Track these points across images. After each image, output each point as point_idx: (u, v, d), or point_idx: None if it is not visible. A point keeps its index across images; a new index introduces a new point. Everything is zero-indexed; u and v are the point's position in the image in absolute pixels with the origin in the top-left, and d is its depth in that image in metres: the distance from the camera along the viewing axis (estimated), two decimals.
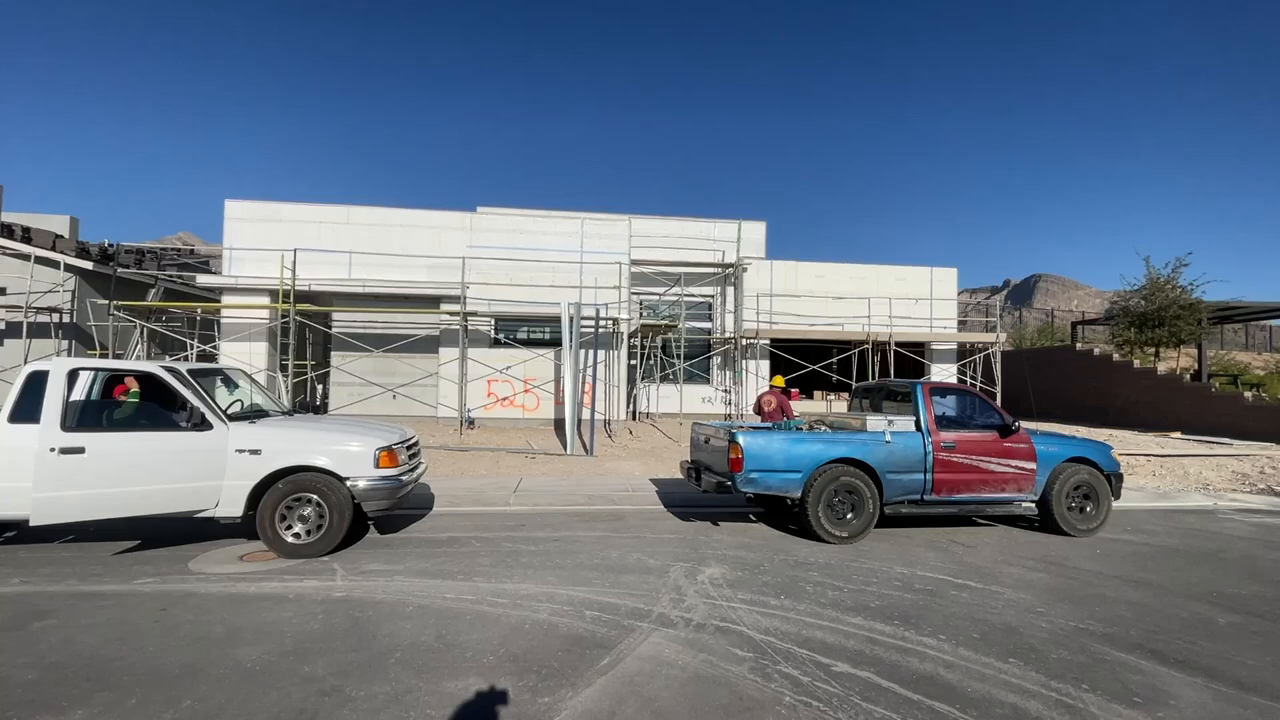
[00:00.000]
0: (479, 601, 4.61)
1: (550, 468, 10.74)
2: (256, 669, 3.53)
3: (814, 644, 3.97)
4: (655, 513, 7.79)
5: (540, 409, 14.45)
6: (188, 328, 14.59)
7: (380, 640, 3.94)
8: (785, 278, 18.07)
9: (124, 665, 3.54)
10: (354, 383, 14.32)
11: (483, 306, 13.98)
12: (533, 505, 7.97)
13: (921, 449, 6.72)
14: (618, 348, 14.72)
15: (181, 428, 5.35)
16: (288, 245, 13.16)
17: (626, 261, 15.04)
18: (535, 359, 14.31)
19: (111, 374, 5.68)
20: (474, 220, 14.78)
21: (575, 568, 5.46)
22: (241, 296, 13.57)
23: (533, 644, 3.90)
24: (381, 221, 14.28)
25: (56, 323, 13.60)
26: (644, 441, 13.56)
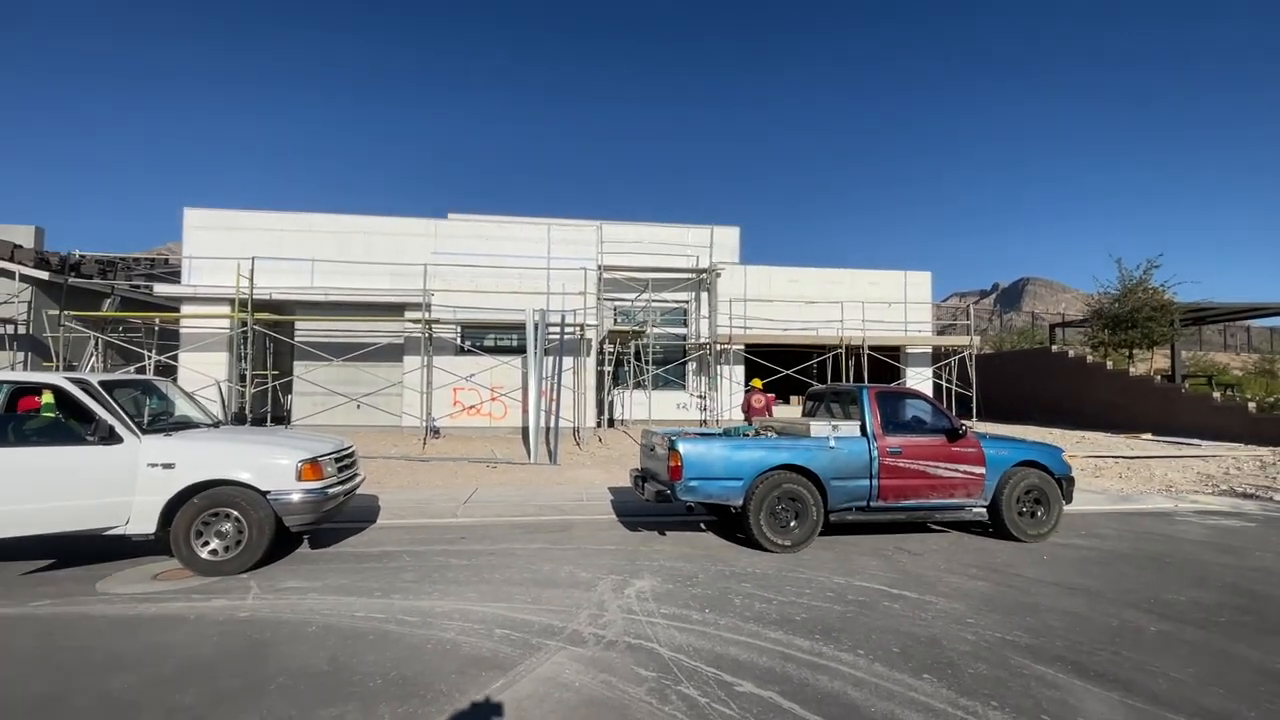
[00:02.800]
0: (388, 620, 4.43)
1: (510, 477, 10.55)
2: (124, 699, 3.33)
3: (724, 661, 3.81)
4: (604, 522, 7.61)
5: (508, 417, 14.26)
6: (147, 338, 14.32)
7: (269, 664, 3.75)
8: (759, 283, 17.99)
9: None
10: (317, 392, 14.09)
11: (448, 314, 13.79)
12: (480, 517, 7.78)
13: (866, 454, 6.59)
14: (586, 354, 14.57)
15: (88, 441, 5.15)
16: (247, 253, 12.95)
17: (594, 267, 14.91)
18: (501, 366, 14.14)
19: (18, 386, 5.46)
20: (439, 227, 14.62)
21: (501, 583, 5.28)
22: (200, 306, 13.33)
23: (428, 666, 3.72)
24: (344, 229, 14.10)
25: (11, 334, 13.31)
26: (612, 449, 13.39)
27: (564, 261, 14.48)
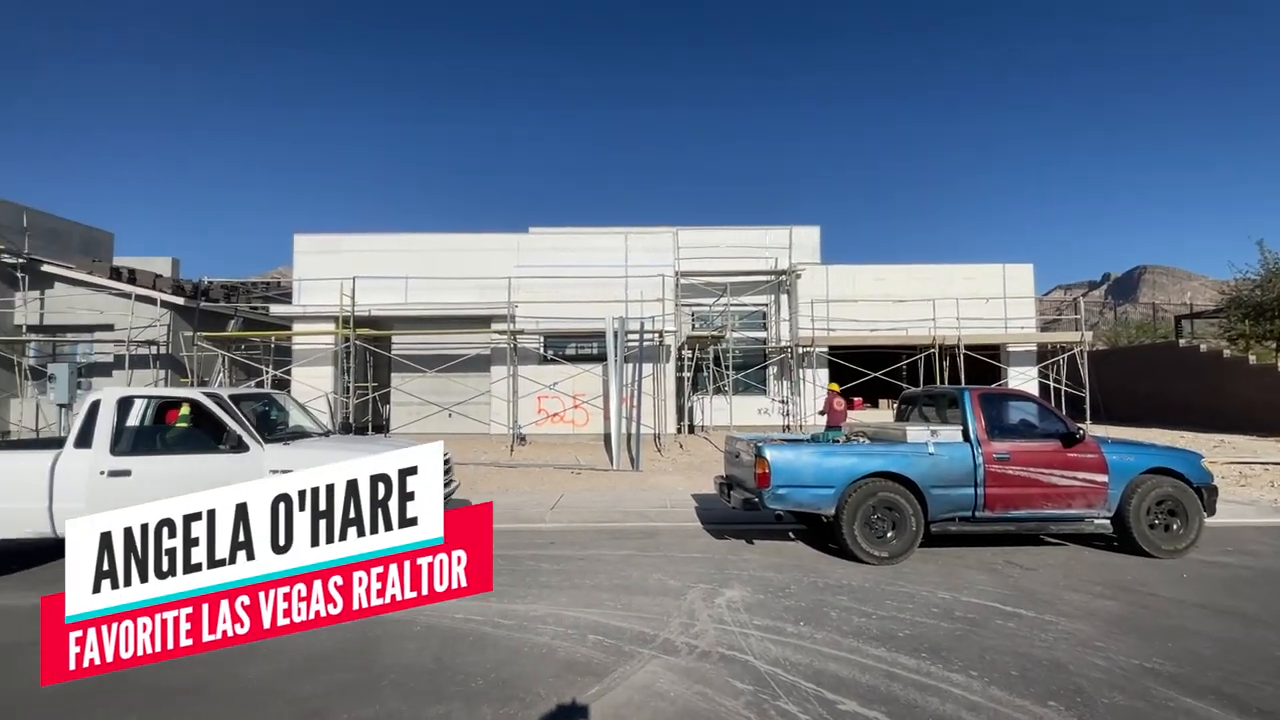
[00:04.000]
0: (485, 622, 4.57)
1: (594, 483, 10.70)
2: (258, 687, 3.62)
3: (824, 678, 3.66)
4: (689, 530, 7.56)
5: (590, 424, 14.49)
6: (265, 355, 15.67)
7: (381, 660, 3.96)
8: (842, 282, 17.38)
9: (137, 678, 3.71)
10: (413, 402, 14.90)
11: (531, 325, 14.22)
12: (567, 522, 7.93)
13: (970, 461, 6.17)
14: (665, 360, 14.58)
15: (221, 450, 5.67)
16: (349, 274, 13.91)
17: (672, 273, 14.93)
18: (583, 374, 14.40)
19: (163, 401, 6.10)
20: (521, 241, 15.13)
21: (591, 588, 5.34)
22: (309, 324, 14.45)
23: (525, 669, 3.80)
24: (434, 247, 14.87)
25: (154, 354, 14.94)
26: (694, 455, 13.31)
27: (641, 269, 14.60)
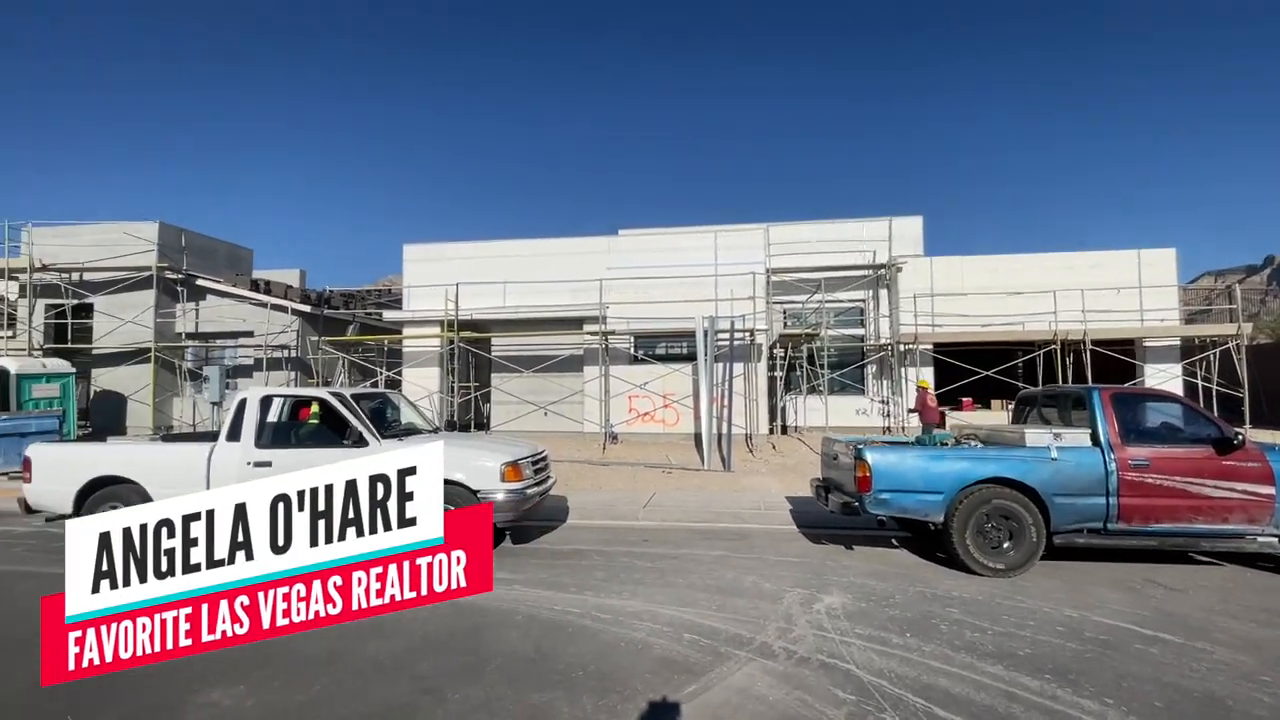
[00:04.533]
0: (583, 615, 4.70)
1: (685, 482, 10.70)
2: (381, 663, 3.92)
3: (933, 693, 3.46)
4: (784, 533, 7.39)
5: (680, 424, 14.51)
6: (379, 356, 16.93)
7: (487, 646, 4.17)
8: (948, 275, 16.33)
9: (279, 649, 4.13)
10: (511, 401, 15.56)
11: (621, 325, 14.45)
12: (659, 521, 7.99)
13: (1100, 468, 5.61)
14: (756, 359, 14.34)
15: (345, 445, 6.19)
16: (452, 280, 14.76)
17: (763, 271, 14.65)
18: (673, 374, 14.44)
19: (297, 400, 6.75)
20: (611, 243, 15.40)
21: (685, 587, 5.35)
22: (417, 328, 15.47)
23: (622, 663, 3.87)
24: (530, 252, 15.46)
25: (286, 357, 16.56)
26: (787, 457, 13.00)
27: (731, 267, 14.44)
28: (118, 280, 16.39)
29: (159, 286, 16.42)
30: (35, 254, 16.23)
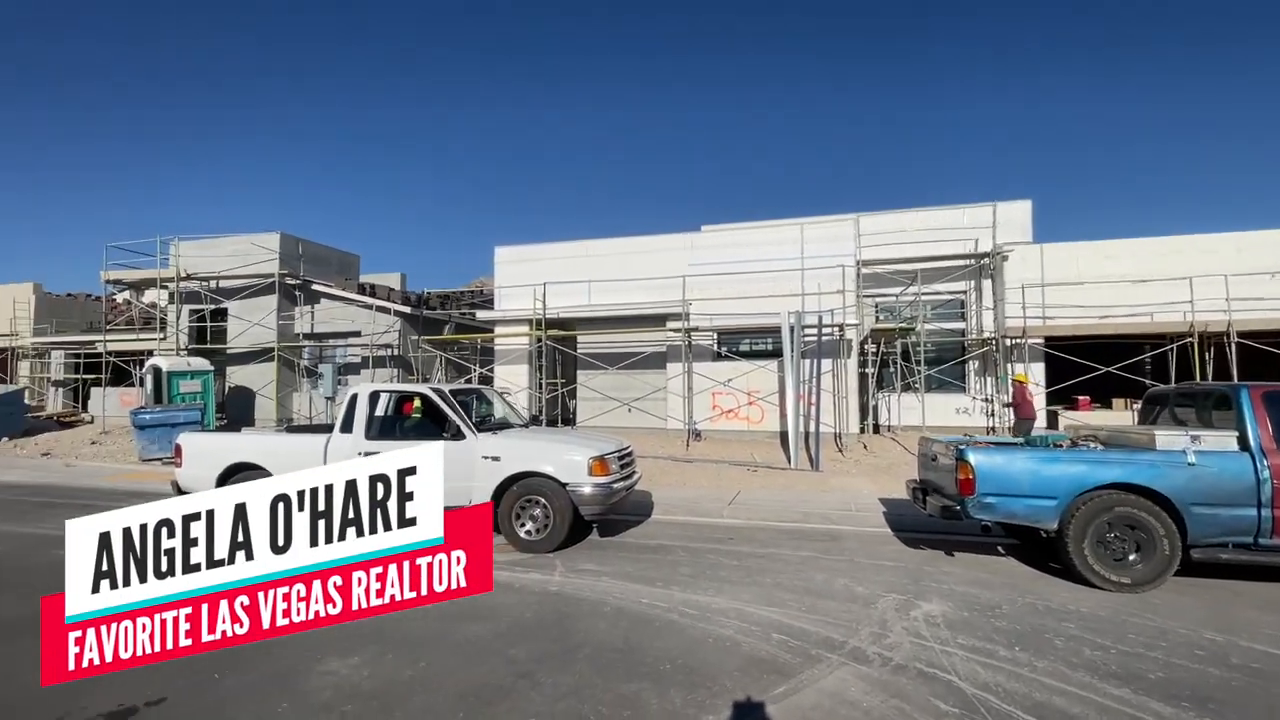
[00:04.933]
0: (670, 610, 4.73)
1: (770, 481, 10.51)
2: (477, 644, 4.13)
3: (1047, 711, 3.21)
4: (877, 536, 7.09)
5: (765, 421, 14.25)
6: (473, 354, 17.77)
7: (576, 635, 4.29)
8: (1062, 263, 15.02)
9: (390, 626, 4.44)
10: (596, 397, 15.87)
11: (704, 321, 14.36)
12: (745, 519, 7.90)
13: (1250, 475, 4.98)
14: (846, 355, 13.81)
15: (444, 438, 6.55)
16: (540, 280, 15.24)
17: (853, 263, 14.09)
18: (757, 371, 14.19)
19: (401, 394, 7.21)
20: (694, 240, 15.34)
21: (773, 586, 5.26)
22: (507, 327, 16.10)
23: (709, 659, 3.86)
24: (613, 251, 15.69)
25: (389, 355, 17.73)
26: (879, 457, 12.45)
27: (819, 260, 13.98)
28: (247, 287, 18.17)
29: (280, 292, 18.05)
30: (181, 265, 18.31)
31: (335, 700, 3.39)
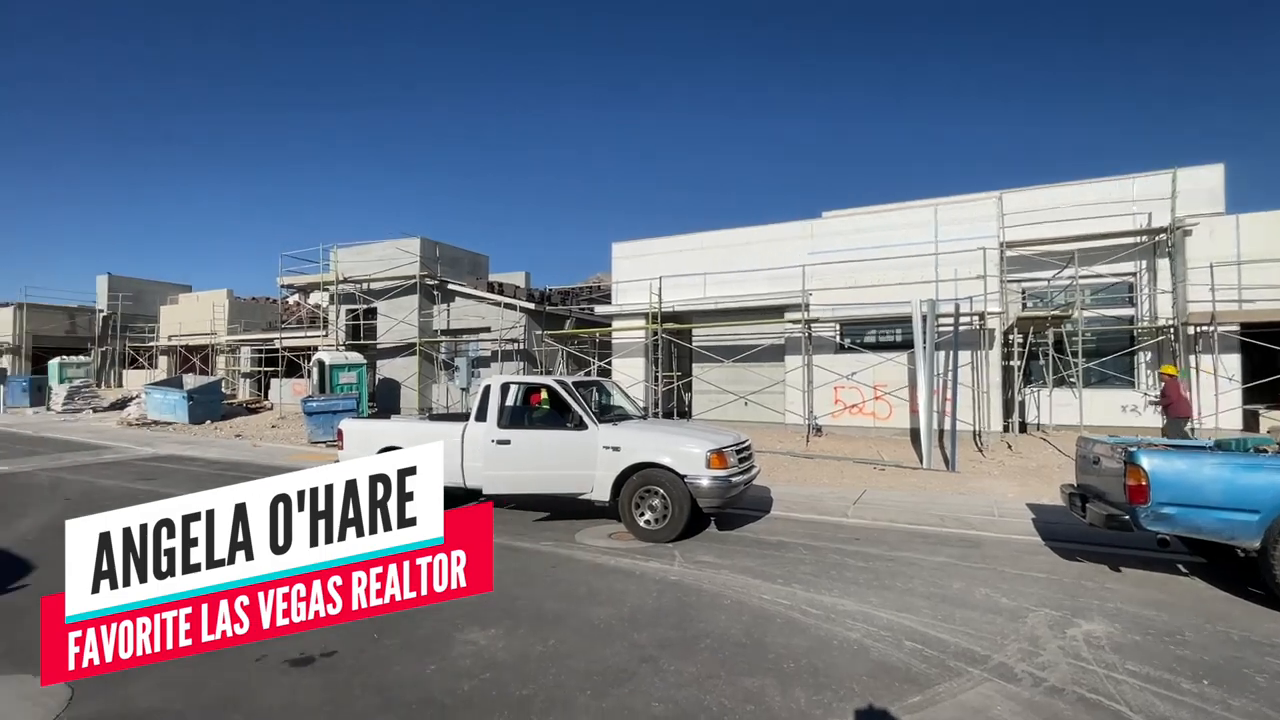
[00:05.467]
0: (793, 608, 4.61)
1: (899, 481, 9.90)
2: (601, 626, 4.28)
3: None
4: (1026, 545, 6.45)
5: (893, 417, 13.43)
6: (592, 348, 18.36)
7: (696, 625, 4.31)
8: (1262, 236, 12.74)
9: (522, 603, 4.73)
10: (712, 390, 15.80)
11: (826, 312, 13.79)
12: (871, 520, 7.51)
13: None
14: (988, 346, 12.65)
15: (568, 428, 6.83)
16: (656, 274, 15.40)
17: (995, 245, 12.86)
18: (885, 363, 13.39)
19: (529, 386, 7.60)
20: (814, 227, 14.76)
21: (904, 592, 4.96)
22: (624, 321, 16.44)
23: (836, 662, 3.72)
24: (729, 242, 15.49)
25: (515, 350, 18.78)
26: (1027, 458, 11.31)
27: (955, 244, 12.89)
28: (393, 288, 20.05)
29: (421, 292, 19.73)
30: (339, 270, 20.57)
31: (475, 667, 3.67)
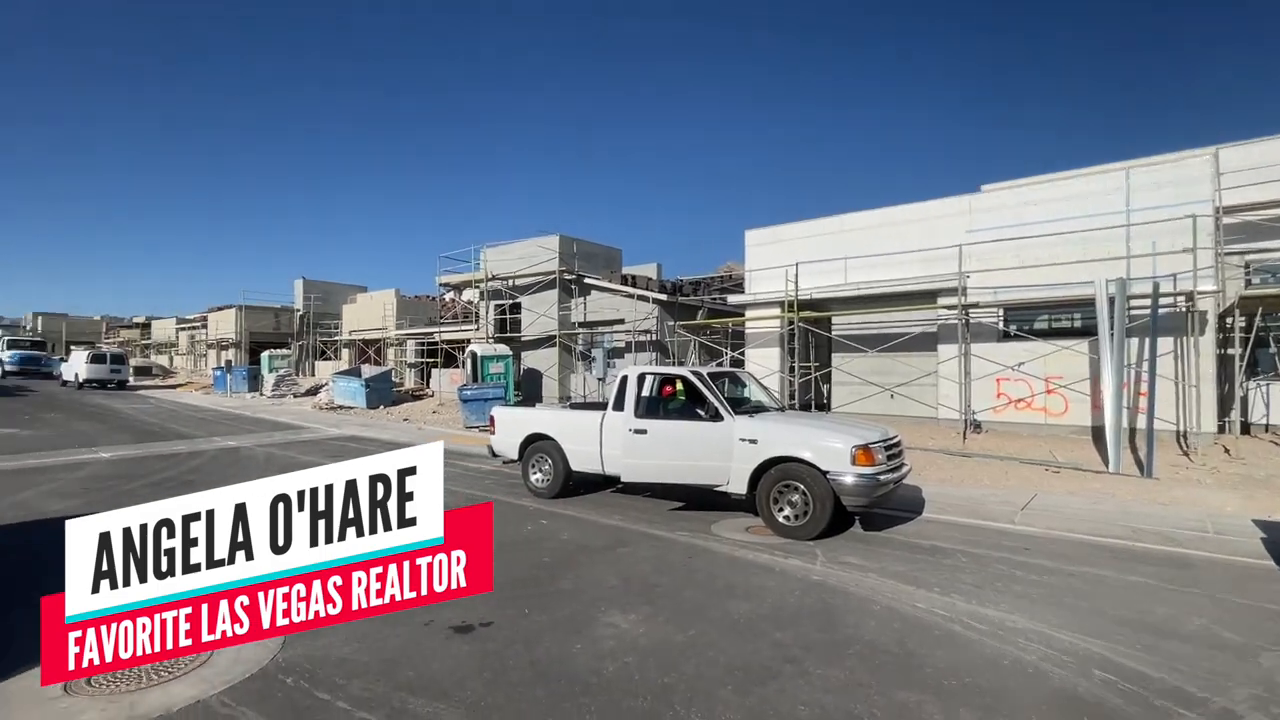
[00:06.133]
0: (952, 620, 4.21)
1: (1079, 486, 8.71)
2: (741, 622, 4.19)
3: None
4: (1251, 569, 5.38)
5: (1069, 414, 11.84)
6: (725, 338, 18.16)
7: (843, 629, 4.08)
8: None
9: (660, 590, 4.77)
10: (853, 382, 14.96)
11: (987, 296, 12.46)
12: (1044, 528, 6.67)
13: None
14: (1196, 332, 10.70)
15: (702, 419, 6.78)
16: (791, 261, 14.83)
17: (1208, 211, 10.82)
18: (1059, 352, 11.82)
19: (664, 376, 7.65)
20: (972, 202, 13.36)
21: (1089, 613, 4.34)
22: (758, 310, 16.05)
23: (1008, 686, 3.33)
24: (872, 223, 14.51)
25: (648, 340, 19.09)
26: (1252, 465, 9.44)
27: (1152, 212, 10.99)
28: (535, 283, 21.23)
29: (559, 286, 20.70)
30: (487, 268, 22.17)
31: (618, 650, 3.75)
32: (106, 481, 8.98)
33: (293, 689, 3.26)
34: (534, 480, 8.05)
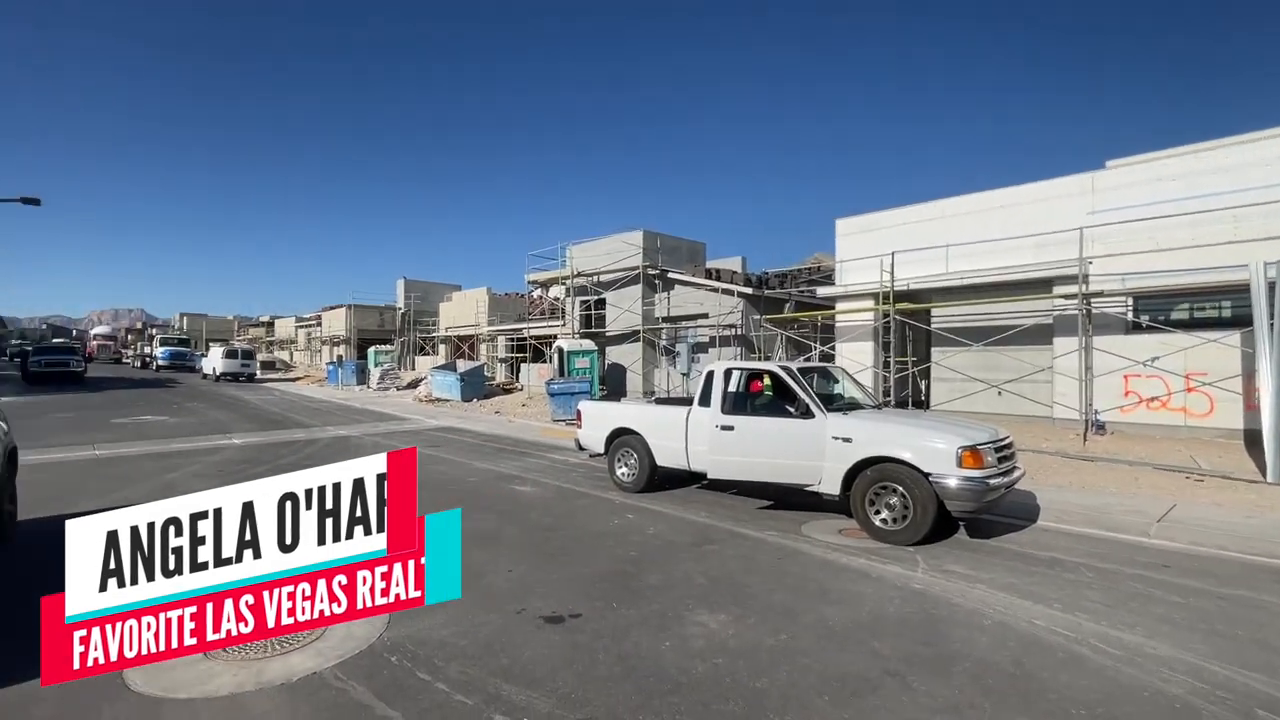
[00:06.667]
0: (1078, 641, 3.81)
1: (1228, 497, 7.69)
2: (836, 628, 4.00)
3: None
4: None
5: (1215, 415, 10.50)
6: (813, 332, 17.55)
7: (950, 644, 3.79)
8: None
9: (750, 591, 4.64)
10: (955, 378, 14.01)
11: (1113, 283, 11.26)
12: (1187, 544, 5.93)
13: None
14: None
15: (792, 415, 6.55)
16: (886, 250, 14.06)
17: None
18: (1202, 345, 10.48)
19: (751, 371, 7.46)
20: (1096, 180, 12.09)
21: (1249, 642, 3.79)
22: (850, 302, 15.37)
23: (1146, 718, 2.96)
24: (978, 208, 13.49)
25: (733, 335, 18.78)
26: None
27: None
28: (619, 279, 21.42)
29: (643, 281, 20.76)
30: (573, 265, 22.61)
31: (707, 650, 3.67)
32: (237, 465, 9.93)
33: (397, 668, 3.43)
34: (619, 474, 8.10)
